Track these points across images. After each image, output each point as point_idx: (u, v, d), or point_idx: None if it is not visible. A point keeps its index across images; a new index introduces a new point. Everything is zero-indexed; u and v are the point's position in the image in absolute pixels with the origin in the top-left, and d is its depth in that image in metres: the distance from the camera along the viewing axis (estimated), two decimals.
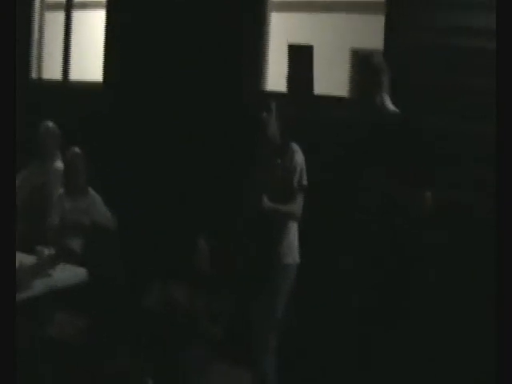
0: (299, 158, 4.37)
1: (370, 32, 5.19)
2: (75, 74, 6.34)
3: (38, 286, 4.13)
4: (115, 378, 4.58)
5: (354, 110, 4.19)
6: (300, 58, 5.28)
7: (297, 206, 4.35)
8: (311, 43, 5.32)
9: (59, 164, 5.51)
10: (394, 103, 4.00)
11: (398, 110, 3.96)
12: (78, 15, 6.43)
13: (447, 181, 4.47)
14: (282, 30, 5.57)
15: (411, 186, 3.79)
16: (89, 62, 6.19)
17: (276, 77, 5.44)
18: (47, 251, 4.34)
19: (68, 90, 6.26)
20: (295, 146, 4.39)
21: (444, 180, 4.40)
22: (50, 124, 5.63)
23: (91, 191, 5.23)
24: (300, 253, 4.41)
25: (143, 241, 5.32)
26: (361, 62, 4.09)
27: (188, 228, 5.05)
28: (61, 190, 5.29)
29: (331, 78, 5.46)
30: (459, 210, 4.57)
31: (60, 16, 6.45)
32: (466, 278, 4.55)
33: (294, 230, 4.41)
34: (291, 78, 5.30)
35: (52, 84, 6.43)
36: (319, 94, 5.24)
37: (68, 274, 4.48)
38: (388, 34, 4.95)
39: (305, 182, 4.36)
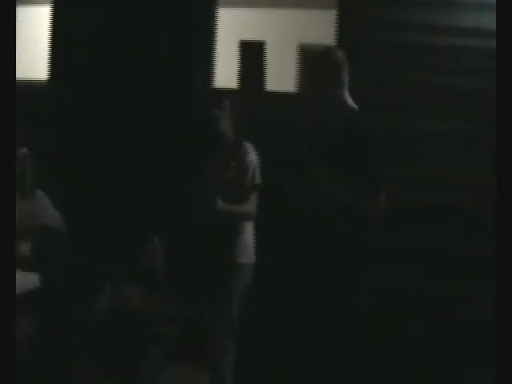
0: (252, 156, 4.36)
1: (320, 28, 5.18)
2: (19, 73, 6.16)
3: None
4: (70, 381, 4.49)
5: (312, 106, 4.02)
6: (252, 54, 5.23)
7: (250, 205, 4.34)
8: (262, 39, 5.29)
9: None
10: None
11: (357, 107, 3.86)
12: (21, 11, 6.25)
13: (406, 181, 4.51)
14: (232, 26, 5.52)
15: (366, 186, 3.69)
16: (33, 59, 6.02)
17: (226, 73, 5.38)
18: None
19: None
20: (248, 145, 4.38)
21: (403, 180, 4.43)
22: None
23: (39, 192, 5.09)
24: (256, 252, 4.40)
25: (94, 242, 5.20)
26: (321, 56, 3.90)
27: (141, 228, 4.97)
28: None
29: (282, 75, 5.44)
30: (417, 209, 4.60)
31: None
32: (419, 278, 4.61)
33: (248, 229, 4.40)
34: (243, 75, 5.26)
35: None
36: (271, 91, 5.21)
37: (19, 279, 4.35)
38: (339, 29, 4.94)
39: (258, 181, 4.34)
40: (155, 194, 5.17)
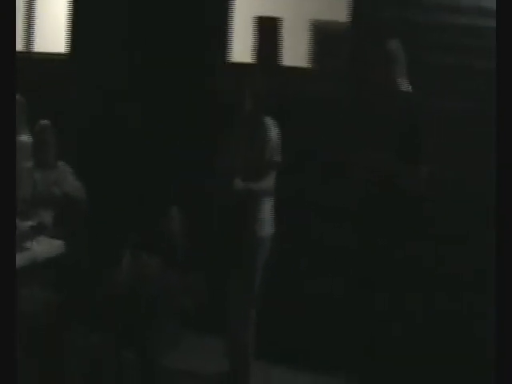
0: (273, 132, 4.36)
1: (334, 5, 5.27)
2: (39, 46, 6.27)
3: (19, 260, 4.08)
4: (90, 352, 4.61)
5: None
6: (267, 30, 5.35)
7: (269, 182, 4.35)
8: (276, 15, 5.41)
9: (25, 137, 5.46)
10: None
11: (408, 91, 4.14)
12: None
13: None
14: (247, 2, 5.61)
15: (407, 161, 3.95)
16: (52, 32, 6.11)
17: (242, 50, 5.47)
18: (27, 224, 4.34)
19: (33, 62, 6.16)
20: (268, 121, 4.38)
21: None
22: (17, 96, 5.55)
23: (60, 163, 5.22)
24: (275, 225, 4.44)
25: (115, 211, 5.33)
26: (382, 47, 4.22)
27: (161, 199, 5.08)
28: (29, 164, 5.25)
29: (296, 50, 5.56)
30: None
31: None
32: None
33: (268, 204, 4.41)
34: (259, 51, 5.36)
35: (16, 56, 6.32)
36: (287, 66, 5.33)
37: (45, 246, 4.48)
38: (353, 6, 5.04)
39: (277, 158, 4.35)
40: (173, 167, 5.28)
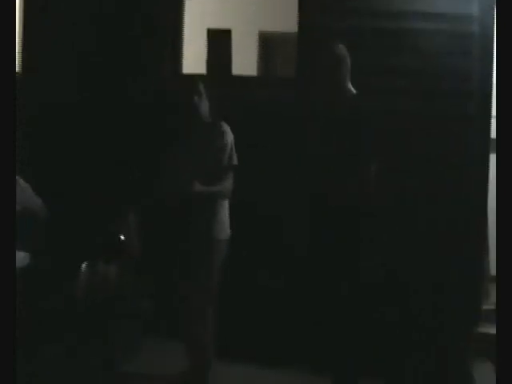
0: (229, 137, 4.50)
1: (282, 15, 5.44)
2: None
3: None
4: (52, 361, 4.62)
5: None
6: (219, 41, 5.50)
7: (227, 184, 4.48)
8: (226, 27, 5.55)
9: None
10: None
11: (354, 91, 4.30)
12: None
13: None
14: (198, 15, 5.74)
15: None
16: None
17: (193, 60, 5.60)
18: None
19: None
20: (225, 126, 4.52)
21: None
22: None
23: (19, 179, 5.23)
24: (232, 228, 4.55)
25: (72, 223, 5.37)
26: (328, 52, 4.33)
27: (117, 206, 5.14)
28: None
29: (244, 60, 5.72)
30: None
31: None
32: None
33: (225, 206, 4.54)
34: (211, 61, 5.51)
35: None
36: (238, 75, 5.48)
37: None
38: (301, 17, 5.20)
39: (235, 161, 4.50)
40: (131, 174, 5.37)
